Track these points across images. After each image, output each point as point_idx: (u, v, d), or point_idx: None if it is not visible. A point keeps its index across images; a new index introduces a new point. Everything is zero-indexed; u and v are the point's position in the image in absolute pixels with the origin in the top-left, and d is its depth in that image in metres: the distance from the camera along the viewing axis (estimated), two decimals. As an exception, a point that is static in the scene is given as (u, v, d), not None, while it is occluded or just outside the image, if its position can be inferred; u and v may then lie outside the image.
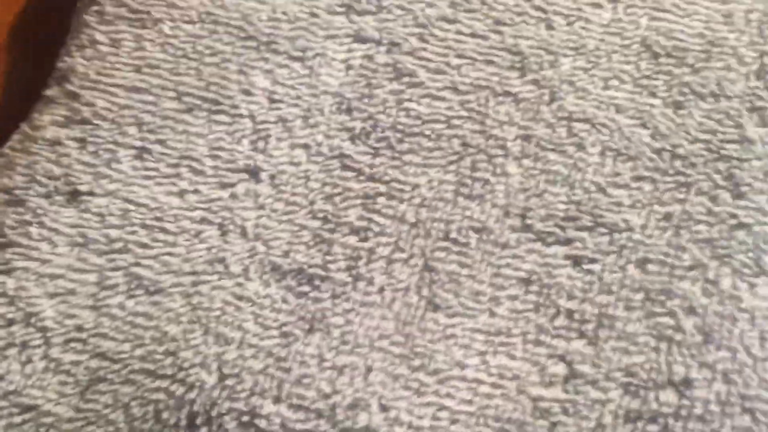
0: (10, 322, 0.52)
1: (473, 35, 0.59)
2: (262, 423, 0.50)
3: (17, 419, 0.50)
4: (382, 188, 0.55)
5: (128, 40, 0.59)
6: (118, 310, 0.52)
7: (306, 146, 0.57)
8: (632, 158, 0.56)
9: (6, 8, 0.63)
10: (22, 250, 0.53)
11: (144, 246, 0.54)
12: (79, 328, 0.52)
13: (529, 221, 0.55)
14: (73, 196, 0.55)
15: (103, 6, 0.60)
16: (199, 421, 0.50)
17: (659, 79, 0.58)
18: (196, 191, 0.55)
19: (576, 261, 0.54)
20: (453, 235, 0.54)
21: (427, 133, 0.57)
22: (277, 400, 0.50)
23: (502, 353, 0.52)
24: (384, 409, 0.50)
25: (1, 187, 0.55)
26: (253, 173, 0.56)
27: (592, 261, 0.54)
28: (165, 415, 0.50)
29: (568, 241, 0.54)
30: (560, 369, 0.51)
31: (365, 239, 0.54)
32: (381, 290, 0.53)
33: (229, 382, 0.51)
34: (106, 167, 0.55)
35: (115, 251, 0.54)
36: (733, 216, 0.54)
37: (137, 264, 0.53)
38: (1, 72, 0.62)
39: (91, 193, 0.55)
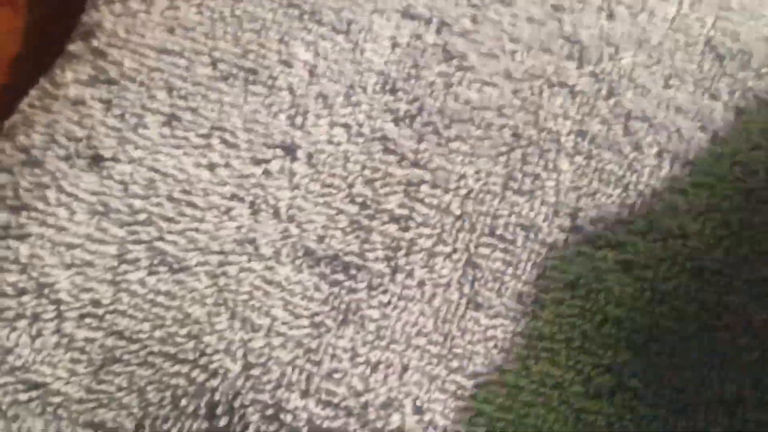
0: (22, 292, 0.48)
1: (530, 20, 0.56)
2: (287, 418, 0.46)
3: (23, 396, 0.46)
4: (426, 176, 0.52)
5: (161, -2, 0.55)
6: (139, 287, 0.48)
7: (346, 125, 0.53)
8: (690, 162, 0.53)
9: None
10: (37, 215, 0.49)
11: (169, 220, 0.50)
12: (96, 303, 0.48)
13: (579, 222, 0.51)
14: (95, 160, 0.50)
15: (136, -40, 0.56)
16: (219, 410, 0.46)
17: (722, 82, 0.55)
18: (227, 165, 0.51)
19: (627, 266, 0.50)
20: (499, 231, 0.51)
21: (477, 120, 0.53)
22: (305, 394, 0.47)
23: (545, 359, 0.49)
24: (418, 411, 0.47)
25: (18, 145, 0.51)
26: (289, 150, 0.52)
27: (645, 267, 0.50)
28: (183, 402, 0.46)
29: (619, 245, 0.51)
30: (606, 380, 0.48)
31: (406, 229, 0.50)
32: (421, 284, 0.49)
33: (255, 371, 0.47)
34: (132, 132, 0.51)
35: (137, 223, 0.49)
36: (797, 228, 0.51)
37: (161, 238, 0.49)
38: (19, 25, 0.58)
39: (114, 159, 0.51)
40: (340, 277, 0.49)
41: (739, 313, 0.49)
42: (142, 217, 0.50)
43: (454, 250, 0.50)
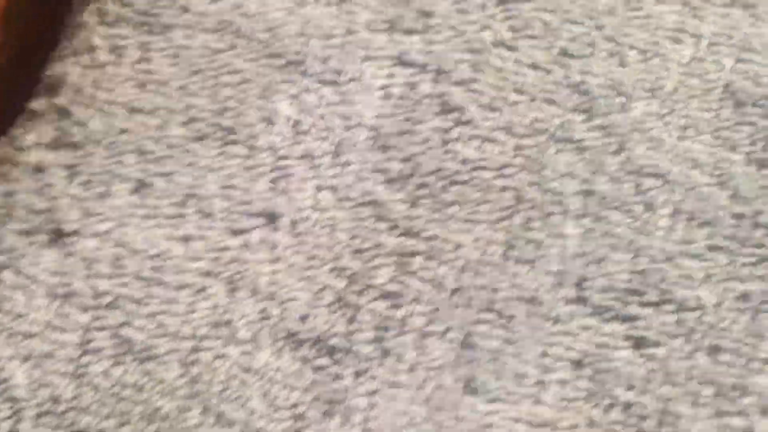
0: (-27, 389, 0.44)
1: (534, 67, 0.51)
2: None
3: None
4: (420, 246, 0.48)
5: (132, 48, 0.51)
6: (103, 380, 0.45)
7: (334, 188, 0.49)
8: (708, 223, 0.49)
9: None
10: (-9, 300, 0.46)
11: (137, 302, 0.46)
12: (56, 400, 0.44)
13: (585, 292, 0.48)
14: (57, 235, 0.47)
15: (104, 4, 0.51)
16: None
17: (742, 132, 0.51)
18: (202, 237, 0.47)
19: (637, 343, 0.47)
20: (498, 305, 0.47)
21: (476, 181, 0.49)
22: (285, 498, 0.43)
23: (547, 449, 0.45)
24: None
25: (-28, 219, 0.47)
26: (271, 218, 0.48)
27: (656, 344, 0.47)
28: None
29: (629, 319, 0.47)
30: (614, 471, 0.45)
31: (397, 306, 0.47)
32: (412, 369, 0.46)
33: (229, 472, 0.44)
34: (98, 202, 0.48)
35: (102, 307, 0.46)
36: (820, 300, 0.47)
37: (128, 324, 0.45)
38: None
39: (78, 233, 0.47)
40: (325, 361, 0.46)
41: (758, 396, 0.46)
42: (107, 299, 0.46)
43: (449, 329, 0.47)
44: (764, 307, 0.47)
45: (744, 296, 0.48)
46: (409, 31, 0.52)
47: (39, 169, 0.48)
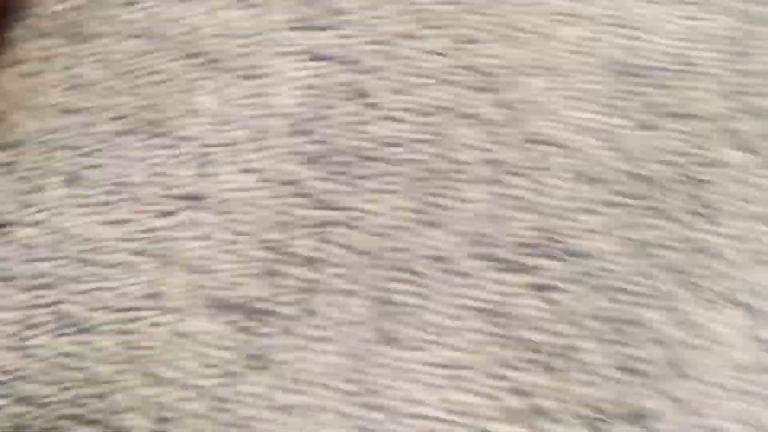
0: None
1: (436, 53, 0.56)
2: (203, 472, 0.46)
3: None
4: (337, 216, 0.52)
5: (61, 56, 0.55)
6: (44, 351, 0.48)
7: (255, 171, 0.53)
8: (600, 181, 0.53)
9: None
10: (-62, 284, 0.49)
11: (74, 280, 0.50)
12: (1, 371, 0.48)
13: (491, 249, 0.52)
14: (-2, 226, 0.51)
15: (35, 18, 0.56)
16: (133, 470, 0.46)
17: (628, 99, 0.55)
18: (133, 220, 0.51)
19: (539, 289, 0.51)
20: (410, 264, 0.51)
21: (386, 157, 0.53)
22: (220, 446, 0.47)
23: (462, 389, 0.49)
24: (337, 453, 0.47)
25: None
26: (197, 200, 0.52)
27: (557, 290, 0.51)
28: (95, 465, 0.46)
29: (532, 269, 0.51)
30: (523, 404, 0.48)
31: (317, 270, 0.51)
32: (336, 325, 0.49)
33: (167, 426, 0.47)
34: (34, 195, 0.51)
35: (41, 287, 0.49)
36: (705, 242, 0.51)
37: (66, 300, 0.49)
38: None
39: (16, 223, 0.51)
40: (252, 323, 0.49)
41: (650, 329, 0.49)
42: (46, 280, 0.49)
43: (367, 288, 0.50)
44: (654, 252, 0.51)
45: (635, 243, 0.51)
46: (320, 28, 0.57)
47: (-22, 168, 0.52)
